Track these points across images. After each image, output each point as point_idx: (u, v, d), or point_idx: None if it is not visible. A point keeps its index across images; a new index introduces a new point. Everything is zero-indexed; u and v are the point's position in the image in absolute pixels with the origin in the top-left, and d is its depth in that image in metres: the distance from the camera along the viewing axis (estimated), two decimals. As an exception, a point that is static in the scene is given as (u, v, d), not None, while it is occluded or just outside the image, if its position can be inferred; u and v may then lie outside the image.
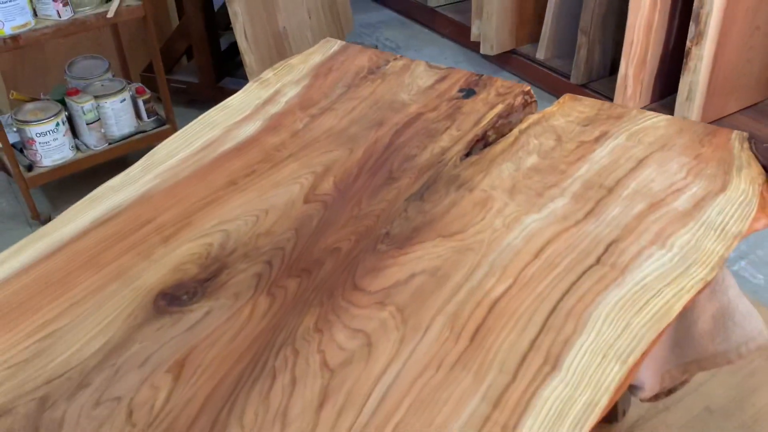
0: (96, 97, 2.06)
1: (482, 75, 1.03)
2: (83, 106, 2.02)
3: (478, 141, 0.89)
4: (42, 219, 2.06)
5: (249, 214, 0.75)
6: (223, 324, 0.62)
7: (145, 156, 0.85)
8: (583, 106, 0.96)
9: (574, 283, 0.66)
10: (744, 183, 0.78)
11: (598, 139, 0.88)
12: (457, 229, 0.73)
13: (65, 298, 0.64)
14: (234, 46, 2.64)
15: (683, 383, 0.89)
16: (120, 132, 2.16)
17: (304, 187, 0.80)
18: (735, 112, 2.03)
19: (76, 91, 2.04)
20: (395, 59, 1.08)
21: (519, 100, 0.97)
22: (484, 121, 0.92)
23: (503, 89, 0.99)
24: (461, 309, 0.63)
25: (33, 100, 2.07)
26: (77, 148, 2.09)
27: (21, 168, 1.96)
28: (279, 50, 2.35)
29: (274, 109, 0.95)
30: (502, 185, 0.80)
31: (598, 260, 0.68)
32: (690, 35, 1.93)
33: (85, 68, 2.19)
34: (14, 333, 0.60)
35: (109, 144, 2.12)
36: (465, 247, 0.70)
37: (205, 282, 0.66)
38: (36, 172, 2.00)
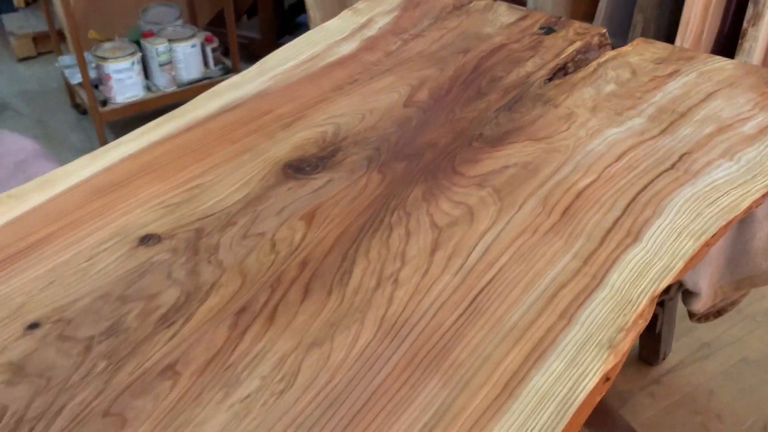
0: (169, 41, 2.16)
1: (560, 17, 1.11)
2: (157, 48, 2.13)
3: (559, 70, 0.97)
4: (112, 153, 2.17)
5: (355, 112, 0.84)
6: (343, 190, 0.71)
7: (258, 62, 0.94)
8: (656, 48, 1.03)
9: (651, 181, 0.74)
10: (807, 116, 0.85)
11: (670, 75, 0.95)
12: (544, 135, 0.81)
13: (205, 162, 0.74)
14: (294, 7, 2.72)
15: (733, 304, 0.96)
16: (188, 76, 2.26)
17: (402, 95, 0.88)
18: (786, 93, 2.06)
19: (151, 34, 2.15)
20: None
21: (596, 39, 1.04)
22: (565, 54, 1.00)
23: (581, 30, 1.07)
24: (551, 194, 0.71)
25: (108, 40, 2.19)
26: (148, 89, 2.20)
27: (96, 103, 2.08)
28: (342, 9, 2.42)
29: (369, 32, 1.04)
30: (584, 105, 0.88)
31: (672, 166, 0.76)
32: (747, 16, 1.97)
33: (158, 14, 2.30)
34: (165, 183, 0.70)
35: (178, 87, 2.23)
36: (552, 149, 0.79)
37: (323, 159, 0.75)
38: (110, 107, 2.11)
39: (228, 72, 2.27)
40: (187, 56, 2.18)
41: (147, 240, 0.63)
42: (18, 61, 2.74)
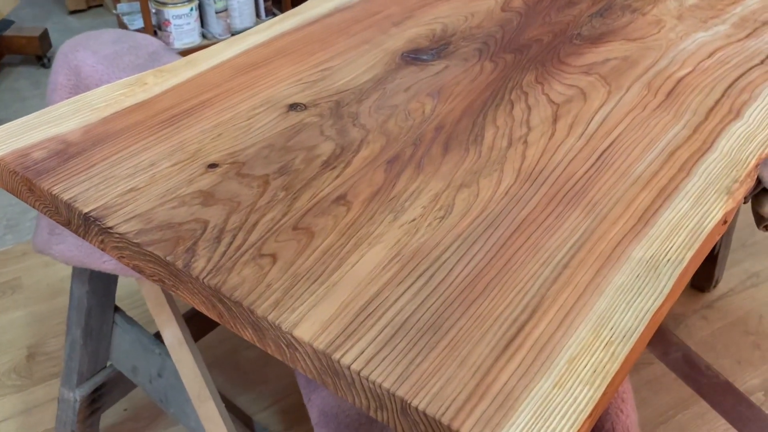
0: (226, -12, 2.20)
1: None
2: (215, -5, 2.17)
3: (640, -13, 1.02)
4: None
5: (458, 14, 0.90)
6: (461, 74, 0.77)
7: (358, -26, 1.00)
8: (731, -30, 1.07)
9: (743, 73, 0.79)
10: None
11: (748, -8, 1.00)
12: (638, 36, 0.87)
13: (331, 49, 0.80)
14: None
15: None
16: (242, 25, 2.31)
17: (499, 2, 0.94)
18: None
19: (209, -19, 2.19)
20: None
21: (672, -38, 1.09)
22: (644, -27, 1.04)
23: (657, -46, 1.11)
24: (653, 80, 0.77)
25: (167, -13, 2.23)
26: (203, 36, 2.26)
27: (157, 47, 2.14)
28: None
29: (456, -47, 1.09)
30: (670, 14, 0.93)
31: (762, 62, 0.82)
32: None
33: (213, -36, 2.33)
34: (300, 65, 0.76)
35: (231, 35, 2.28)
36: (647, 47, 0.84)
37: (437, 50, 0.81)
38: (169, 52, 2.17)
39: (279, 21, 2.33)
40: (241, 5, 2.24)
41: (295, 107, 0.69)
42: (69, 13, 2.80)
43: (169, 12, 2.11)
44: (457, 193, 0.59)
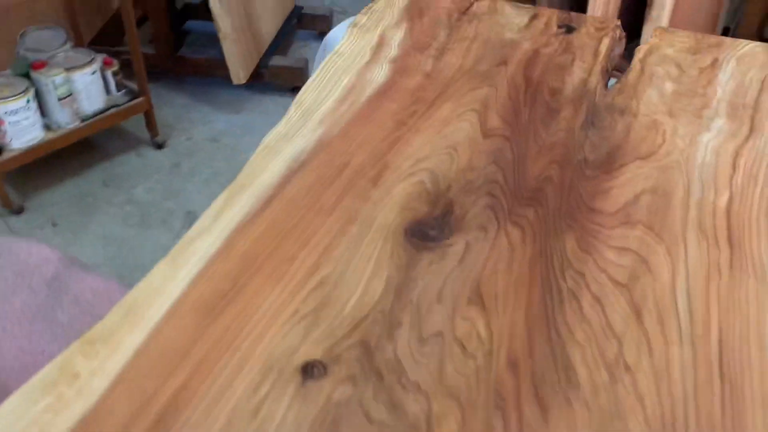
0: (66, 70, 1.88)
1: (570, 12, 1.05)
2: (54, 80, 1.85)
3: (605, 72, 0.91)
4: (15, 209, 1.89)
5: (439, 152, 0.73)
6: (489, 256, 0.60)
7: (294, 102, 0.80)
8: (679, 36, 0.99)
9: (781, 190, 0.70)
10: None
11: (713, 66, 0.92)
12: (648, 152, 0.75)
13: (312, 245, 0.60)
14: (182, 13, 2.48)
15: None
16: (92, 108, 2.00)
17: (474, 124, 0.78)
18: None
19: (42, 64, 1.86)
20: (477, 0, 1.07)
21: (618, 32, 1.00)
22: (601, 55, 0.93)
23: (598, 24, 1.01)
24: (702, 221, 0.65)
25: (-12, 76, 1.86)
26: (48, 128, 1.92)
27: (-9, 152, 1.77)
28: (248, 12, 2.24)
29: (390, 52, 0.92)
30: (659, 110, 0.82)
31: (788, 169, 0.73)
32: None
33: (41, 40, 1.99)
34: (283, 284, 0.56)
35: (82, 121, 1.96)
36: (666, 167, 0.72)
37: (442, 218, 0.64)
38: (7, 155, 1.82)
39: (135, 96, 2.02)
40: (87, 86, 1.91)
41: (311, 370, 0.49)
42: None
43: (1, 108, 1.75)
44: (594, 494, 0.43)
